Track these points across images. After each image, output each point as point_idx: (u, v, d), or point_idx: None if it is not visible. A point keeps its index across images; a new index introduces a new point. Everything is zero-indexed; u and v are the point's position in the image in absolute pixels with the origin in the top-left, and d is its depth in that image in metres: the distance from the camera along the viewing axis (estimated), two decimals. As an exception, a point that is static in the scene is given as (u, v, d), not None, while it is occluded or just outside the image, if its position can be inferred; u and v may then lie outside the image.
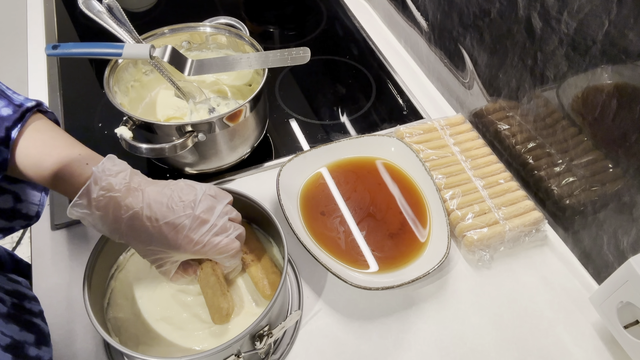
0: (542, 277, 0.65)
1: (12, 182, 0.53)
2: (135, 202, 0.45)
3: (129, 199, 0.45)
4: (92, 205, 0.44)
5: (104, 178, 0.44)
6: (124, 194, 0.45)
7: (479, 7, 0.72)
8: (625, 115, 0.53)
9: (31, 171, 0.46)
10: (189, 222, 0.47)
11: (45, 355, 0.51)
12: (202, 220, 0.48)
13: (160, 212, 0.46)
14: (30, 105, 0.46)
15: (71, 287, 0.61)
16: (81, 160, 0.46)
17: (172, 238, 0.47)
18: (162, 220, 0.46)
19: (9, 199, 0.53)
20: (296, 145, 0.80)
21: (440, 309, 0.61)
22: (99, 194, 0.44)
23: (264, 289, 0.55)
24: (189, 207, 0.47)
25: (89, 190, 0.44)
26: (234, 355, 0.48)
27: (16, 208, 0.54)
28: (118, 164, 0.46)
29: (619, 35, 0.51)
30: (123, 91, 0.72)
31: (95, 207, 0.44)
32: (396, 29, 1.02)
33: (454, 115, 0.81)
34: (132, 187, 0.46)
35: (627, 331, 0.53)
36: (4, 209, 0.53)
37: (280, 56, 0.69)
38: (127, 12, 0.68)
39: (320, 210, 0.68)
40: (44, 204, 0.56)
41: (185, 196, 0.48)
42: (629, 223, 0.56)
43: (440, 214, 0.66)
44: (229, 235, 0.50)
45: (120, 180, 0.45)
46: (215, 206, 0.49)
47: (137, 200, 0.45)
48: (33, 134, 0.46)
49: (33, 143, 0.45)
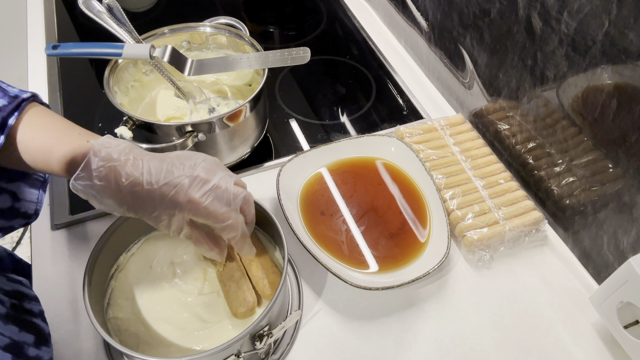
0: (542, 277, 0.65)
1: (9, 181, 0.53)
2: (136, 169, 0.46)
3: (128, 167, 0.45)
4: (93, 176, 0.44)
5: (103, 150, 0.45)
6: (123, 163, 0.45)
7: (479, 7, 0.72)
8: (625, 115, 0.53)
9: (31, 156, 0.46)
10: (189, 181, 0.47)
11: (45, 355, 0.51)
12: (202, 179, 0.47)
13: (161, 175, 0.46)
14: (25, 96, 0.47)
15: (71, 287, 0.61)
16: (81, 139, 0.46)
17: (173, 198, 0.46)
18: (162, 182, 0.46)
19: (7, 199, 0.53)
20: (296, 145, 0.80)
21: (440, 309, 0.61)
22: (98, 164, 0.44)
23: (264, 289, 0.55)
24: (189, 168, 0.47)
25: (89, 162, 0.44)
26: (234, 355, 0.48)
27: (14, 207, 0.54)
28: (117, 139, 0.47)
29: (619, 35, 0.51)
30: (123, 91, 0.72)
31: (97, 177, 0.44)
32: (396, 29, 1.02)
33: (454, 115, 0.81)
34: (132, 157, 0.46)
35: (627, 331, 0.53)
36: (2, 209, 0.53)
37: (280, 56, 0.69)
38: (127, 12, 0.68)
39: (320, 210, 0.68)
40: (42, 201, 0.57)
41: (184, 161, 0.48)
42: (629, 223, 0.56)
43: (440, 214, 0.66)
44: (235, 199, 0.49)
45: (119, 150, 0.46)
46: (217, 170, 0.49)
47: (137, 168, 0.46)
48: (31, 119, 0.47)
49: (32, 128, 0.46)
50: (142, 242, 0.61)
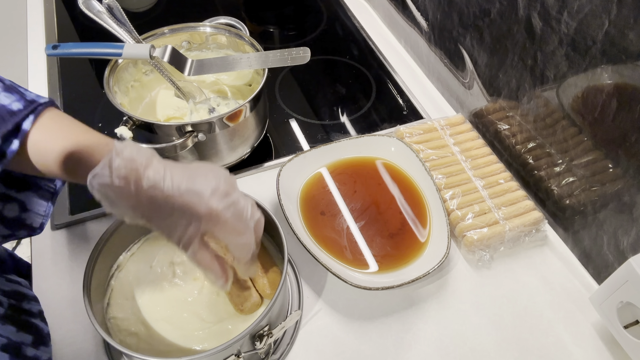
0: (542, 277, 0.65)
1: (18, 190, 0.53)
2: (157, 174, 0.44)
3: (150, 171, 0.44)
4: (112, 175, 0.43)
5: (125, 150, 0.44)
6: (145, 165, 0.44)
7: (479, 7, 0.72)
8: (625, 115, 0.53)
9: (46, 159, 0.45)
10: (211, 190, 0.45)
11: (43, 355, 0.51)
12: (224, 191, 0.46)
13: (183, 182, 0.45)
14: (42, 101, 0.47)
15: (71, 287, 0.61)
16: (100, 142, 0.46)
17: (194, 206, 0.45)
18: (183, 189, 0.44)
19: (15, 208, 0.53)
20: (296, 145, 0.80)
21: (440, 309, 0.61)
22: (119, 164, 0.43)
23: (264, 289, 0.55)
24: (212, 179, 0.46)
25: (110, 160, 0.43)
26: (234, 355, 0.48)
27: (21, 217, 0.54)
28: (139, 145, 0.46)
29: (619, 35, 0.51)
30: (123, 91, 0.72)
31: (117, 177, 0.43)
32: (396, 29, 1.02)
33: (454, 115, 0.81)
34: (155, 161, 0.45)
35: (627, 331, 0.53)
36: (8, 218, 0.53)
37: (280, 56, 0.69)
38: (127, 12, 0.68)
39: (320, 210, 0.68)
40: (49, 215, 0.56)
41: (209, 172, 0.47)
42: (629, 223, 0.56)
43: (440, 214, 0.66)
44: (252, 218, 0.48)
45: (142, 153, 0.44)
46: (236, 187, 0.48)
47: (159, 172, 0.44)
48: (48, 122, 0.46)
49: (48, 131, 0.46)
50: (142, 242, 0.61)
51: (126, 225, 0.57)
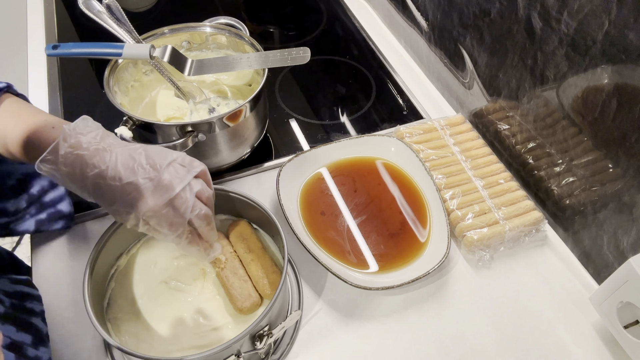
0: (542, 277, 0.65)
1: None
2: (102, 162, 0.45)
3: (96, 158, 0.45)
4: (59, 162, 0.44)
5: (73, 135, 0.45)
6: (91, 153, 0.45)
7: (479, 7, 0.72)
8: (625, 115, 0.53)
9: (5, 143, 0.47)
10: (152, 185, 0.45)
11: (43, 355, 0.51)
12: (165, 186, 0.46)
13: (125, 173, 0.45)
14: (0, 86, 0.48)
15: (71, 287, 0.61)
16: (48, 125, 0.47)
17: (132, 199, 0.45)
18: (125, 180, 0.45)
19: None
20: (296, 145, 0.80)
21: (440, 309, 0.61)
22: (66, 150, 0.44)
23: (264, 289, 0.55)
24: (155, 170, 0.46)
25: (57, 147, 0.44)
26: (234, 355, 0.48)
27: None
28: (91, 125, 0.47)
29: (619, 35, 0.51)
30: (123, 91, 0.72)
31: (63, 163, 0.44)
32: (396, 29, 1.02)
33: (454, 115, 0.81)
34: (102, 147, 0.46)
35: (627, 331, 0.53)
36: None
37: (280, 56, 0.69)
38: (127, 12, 0.68)
39: (320, 210, 0.68)
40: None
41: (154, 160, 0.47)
42: (629, 223, 0.56)
43: (440, 214, 0.66)
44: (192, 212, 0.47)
45: (89, 139, 0.45)
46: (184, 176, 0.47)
47: (104, 160, 0.45)
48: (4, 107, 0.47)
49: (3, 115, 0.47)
50: (142, 242, 0.61)
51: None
